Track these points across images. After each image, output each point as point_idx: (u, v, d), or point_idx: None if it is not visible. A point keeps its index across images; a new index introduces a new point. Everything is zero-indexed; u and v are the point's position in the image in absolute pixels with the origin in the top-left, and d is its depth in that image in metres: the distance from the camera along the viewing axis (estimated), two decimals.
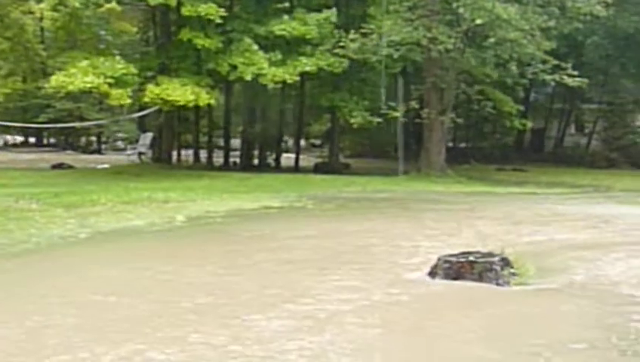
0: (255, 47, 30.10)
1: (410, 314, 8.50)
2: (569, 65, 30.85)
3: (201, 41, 29.85)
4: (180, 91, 29.03)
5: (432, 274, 10.09)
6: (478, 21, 28.43)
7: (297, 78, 31.10)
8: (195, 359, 6.62)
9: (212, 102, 31.68)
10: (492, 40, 29.51)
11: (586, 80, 31.78)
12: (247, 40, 30.30)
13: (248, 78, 29.83)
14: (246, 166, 35.74)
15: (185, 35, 30.33)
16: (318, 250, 12.70)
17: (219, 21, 29.81)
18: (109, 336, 7.19)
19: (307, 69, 30.31)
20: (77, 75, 27.89)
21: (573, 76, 30.59)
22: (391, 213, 18.79)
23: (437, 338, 7.55)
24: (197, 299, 8.81)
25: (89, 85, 28.09)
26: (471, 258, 10.06)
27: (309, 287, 9.63)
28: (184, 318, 7.91)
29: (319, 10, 31.46)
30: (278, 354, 6.76)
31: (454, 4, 28.64)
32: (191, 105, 30.27)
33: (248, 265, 11.27)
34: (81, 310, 8.31)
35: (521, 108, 37.76)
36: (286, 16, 31.19)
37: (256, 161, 37.53)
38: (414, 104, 31.81)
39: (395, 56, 30.01)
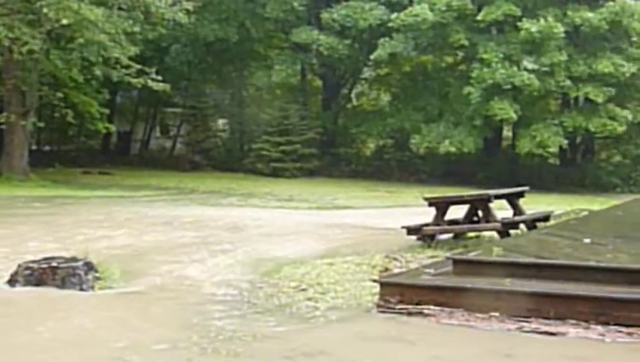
0: None
1: None
2: (153, 70, 31.29)
3: None
4: None
5: (12, 281, 9.70)
6: (64, 22, 27.74)
7: None
8: None
9: None
10: (79, 42, 29.04)
11: (168, 85, 32.47)
12: None
13: None
14: None
15: None
16: None
17: None
18: None
19: None
20: None
21: (158, 81, 31.07)
22: None
23: (6, 349, 7.21)
24: None
25: None
26: (53, 263, 9.82)
27: None
28: None
29: None
30: None
31: (37, 4, 27.74)
32: None
33: None
34: None
35: (107, 111, 37.62)
36: None
37: None
38: None
39: None
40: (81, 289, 9.57)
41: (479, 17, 36.45)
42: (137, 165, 40.99)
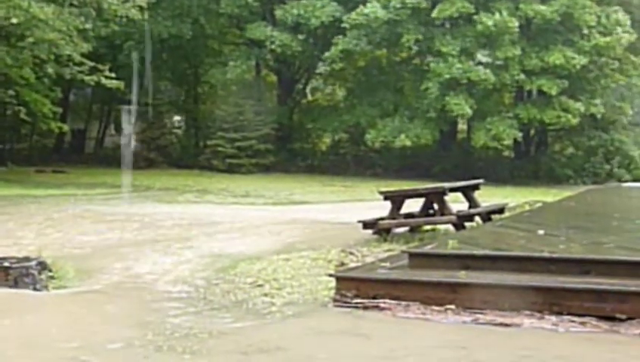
0: None
1: None
2: (107, 67, 30.98)
3: None
4: None
5: None
6: (14, 20, 27.41)
7: None
8: None
9: None
10: (29, 40, 28.67)
11: (122, 82, 32.20)
12: None
13: None
14: None
15: None
16: None
17: None
18: None
19: None
20: None
21: (111, 78, 30.79)
22: None
23: None
24: None
25: None
26: (6, 263, 9.70)
27: None
28: None
29: None
30: None
31: None
32: None
33: None
34: None
35: (59, 110, 37.17)
36: None
37: None
38: None
39: None
40: (35, 289, 9.46)
41: (434, 14, 36.58)
42: (92, 163, 40.60)
